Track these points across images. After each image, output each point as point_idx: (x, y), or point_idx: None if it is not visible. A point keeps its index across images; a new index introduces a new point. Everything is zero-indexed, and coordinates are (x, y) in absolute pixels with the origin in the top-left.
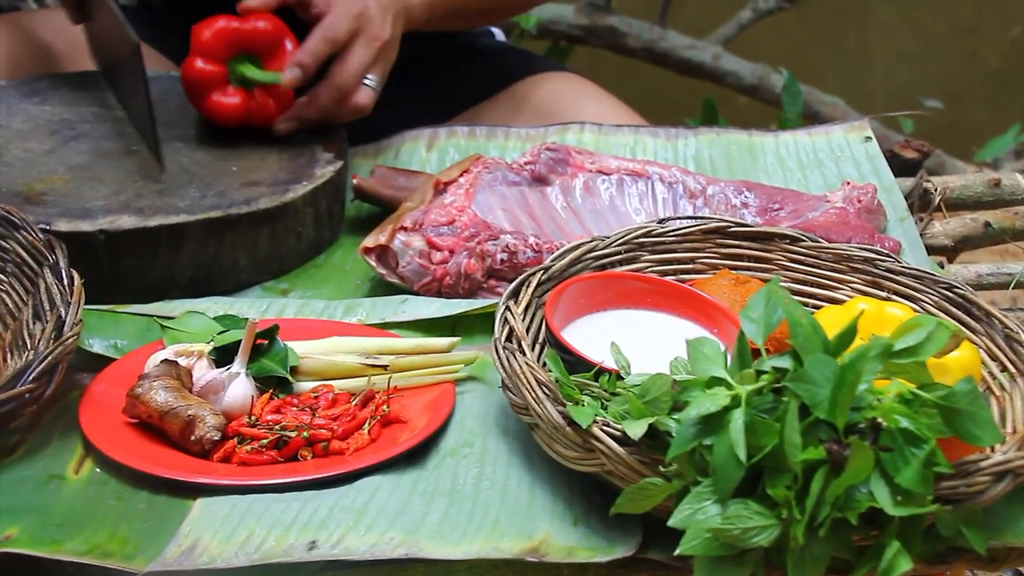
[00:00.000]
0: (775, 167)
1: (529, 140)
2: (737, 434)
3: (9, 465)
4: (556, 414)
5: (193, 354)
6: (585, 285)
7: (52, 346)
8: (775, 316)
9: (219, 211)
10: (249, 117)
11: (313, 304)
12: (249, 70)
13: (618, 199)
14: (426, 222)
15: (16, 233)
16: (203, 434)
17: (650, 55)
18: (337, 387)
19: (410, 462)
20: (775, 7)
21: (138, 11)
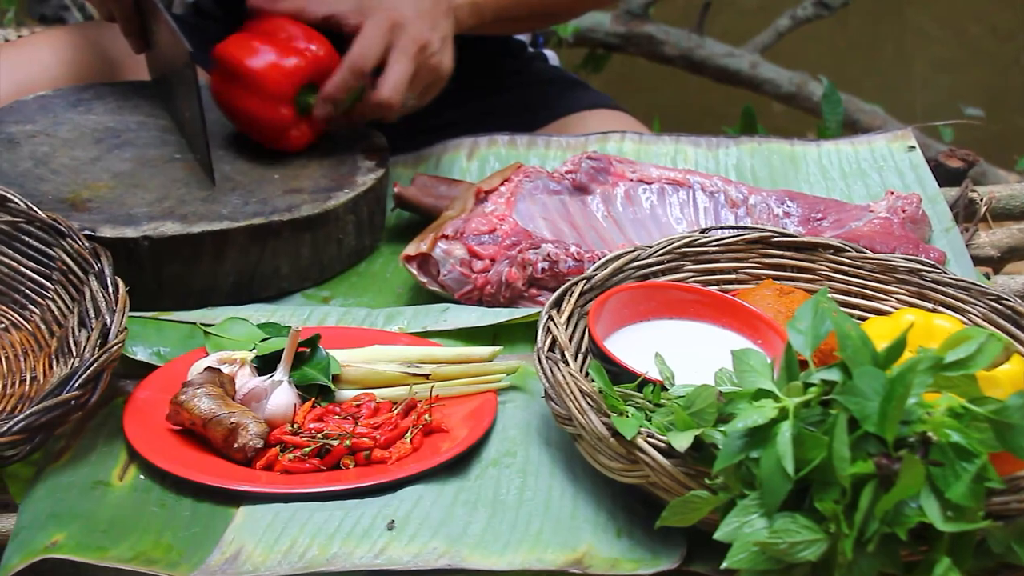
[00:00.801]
0: (817, 177)
1: (570, 149)
2: (785, 447)
3: (55, 471)
4: (600, 425)
5: (236, 362)
6: (628, 295)
7: (97, 354)
8: (823, 328)
9: (262, 218)
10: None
11: (354, 312)
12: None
13: (659, 208)
14: (467, 231)
15: (63, 241)
16: (246, 442)
17: (687, 63)
18: (379, 396)
19: (452, 472)
20: (813, 15)
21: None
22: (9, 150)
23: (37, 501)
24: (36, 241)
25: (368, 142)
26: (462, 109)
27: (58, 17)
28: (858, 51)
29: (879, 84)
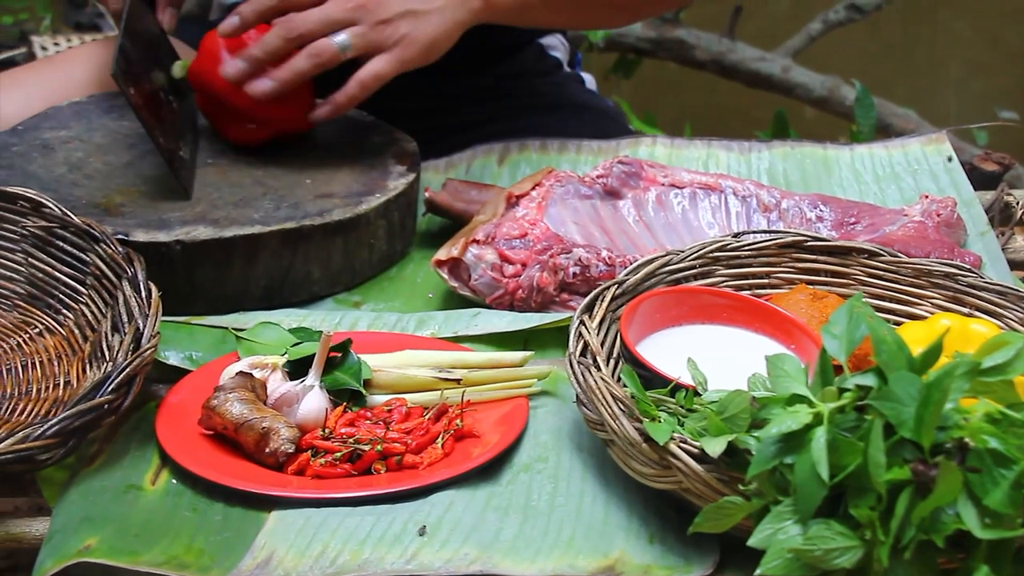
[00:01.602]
0: (850, 181)
1: (601, 154)
2: (819, 453)
3: (88, 475)
4: (632, 430)
5: (267, 366)
6: (660, 300)
7: (130, 358)
8: (858, 332)
9: (293, 222)
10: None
11: (386, 317)
12: None
13: (691, 213)
14: (498, 235)
15: (96, 246)
16: (277, 447)
17: (718, 67)
18: (410, 401)
19: (484, 477)
20: (846, 19)
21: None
22: (44, 155)
23: (70, 505)
24: (70, 246)
25: (399, 147)
26: (487, 129)
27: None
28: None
29: (912, 88)
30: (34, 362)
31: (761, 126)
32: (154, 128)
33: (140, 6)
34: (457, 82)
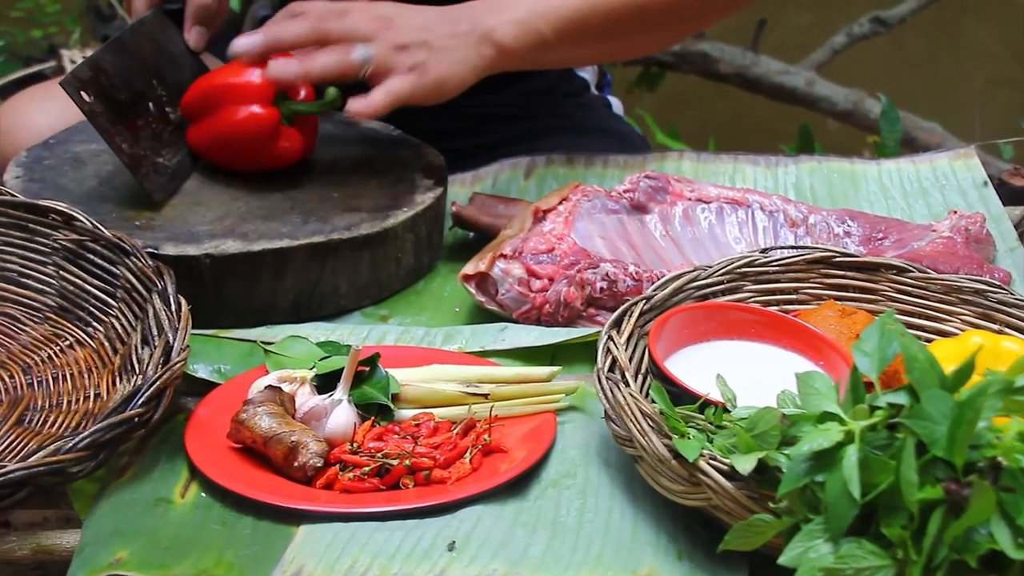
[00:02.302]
0: (878, 196)
1: (627, 168)
2: (851, 471)
3: (118, 488)
4: (661, 447)
5: (296, 380)
6: (688, 315)
7: (160, 371)
8: (889, 350)
9: (321, 236)
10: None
11: (413, 331)
12: (297, 105)
13: (718, 228)
14: (525, 250)
15: (127, 259)
16: (306, 460)
17: (742, 80)
18: (438, 415)
19: (511, 492)
20: (870, 32)
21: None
22: (75, 169)
23: (101, 517)
24: (101, 259)
25: (426, 160)
26: (510, 150)
27: None
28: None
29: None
30: (64, 374)
31: (784, 139)
32: (113, 135)
33: (161, 22)
34: (481, 99)
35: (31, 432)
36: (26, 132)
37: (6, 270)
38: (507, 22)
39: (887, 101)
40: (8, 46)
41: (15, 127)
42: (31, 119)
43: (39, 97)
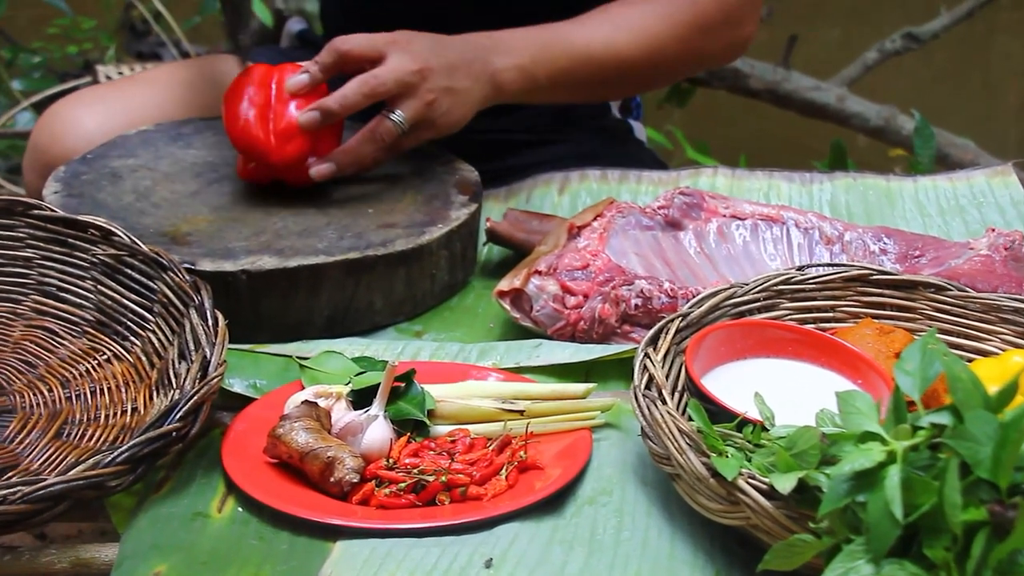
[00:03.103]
0: (914, 213)
1: (661, 184)
2: (893, 491)
3: (156, 502)
4: (700, 465)
5: (332, 395)
6: (725, 333)
7: (197, 386)
8: (932, 370)
9: (357, 252)
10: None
11: (448, 347)
12: None
13: (752, 245)
14: (560, 266)
15: (164, 274)
16: (342, 476)
17: (773, 96)
18: (473, 431)
19: (548, 510)
20: (902, 47)
21: (294, 52)
22: (113, 184)
23: (139, 531)
24: (138, 274)
25: (461, 176)
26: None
27: (154, 54)
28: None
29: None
30: (102, 388)
31: (814, 155)
32: None
33: None
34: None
35: (69, 445)
36: (74, 135)
37: (45, 284)
38: (511, 67)
39: (920, 118)
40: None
41: (64, 130)
42: (79, 122)
43: (87, 100)
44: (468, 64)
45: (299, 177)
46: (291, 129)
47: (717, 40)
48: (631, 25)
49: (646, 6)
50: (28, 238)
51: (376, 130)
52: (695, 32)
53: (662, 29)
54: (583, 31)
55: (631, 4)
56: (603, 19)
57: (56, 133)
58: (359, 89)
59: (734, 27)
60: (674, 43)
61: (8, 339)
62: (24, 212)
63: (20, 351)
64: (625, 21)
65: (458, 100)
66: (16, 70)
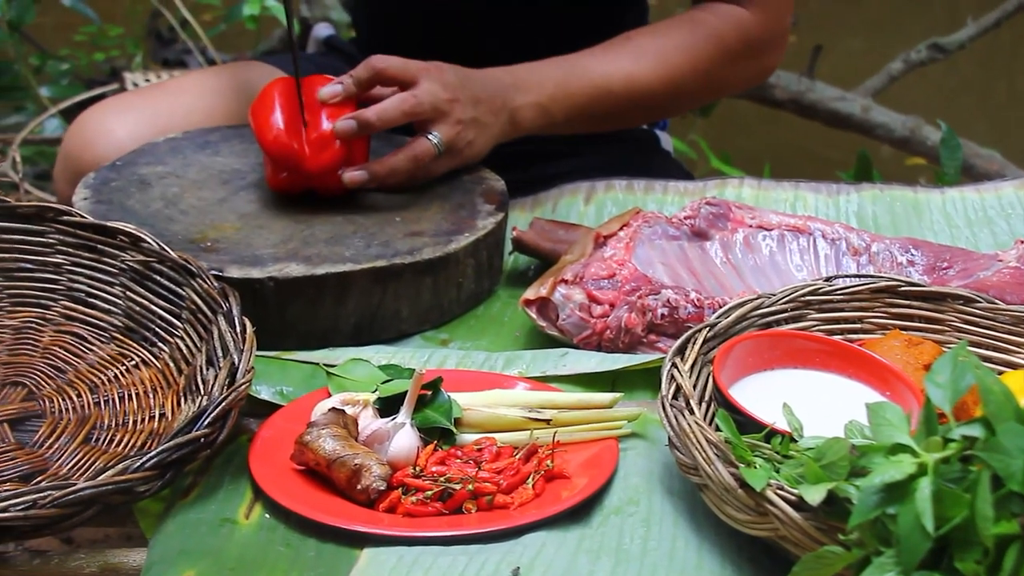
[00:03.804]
0: (942, 224)
1: (687, 195)
2: (924, 504)
3: (184, 507)
4: (728, 475)
5: (359, 403)
6: (753, 343)
7: (226, 392)
8: (963, 382)
9: (384, 260)
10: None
11: (474, 355)
12: None
13: (779, 255)
14: (587, 275)
15: (192, 281)
16: (369, 483)
17: (797, 107)
18: (499, 440)
19: (574, 519)
20: (927, 58)
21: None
22: (141, 191)
23: (167, 537)
24: (167, 280)
25: (487, 185)
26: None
27: (180, 61)
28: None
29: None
30: (130, 394)
31: (837, 165)
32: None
33: None
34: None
35: (98, 451)
36: (104, 142)
37: (75, 290)
38: (530, 105)
39: (947, 128)
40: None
41: (94, 137)
42: (109, 129)
43: (117, 108)
44: (490, 99)
45: (331, 186)
46: (325, 138)
47: (739, 70)
48: (651, 57)
49: (667, 37)
50: (58, 244)
51: (414, 148)
52: (716, 63)
53: (683, 61)
54: (602, 65)
55: (652, 34)
56: (623, 51)
57: (87, 141)
58: (399, 106)
59: (757, 57)
60: (695, 75)
61: (38, 344)
62: (54, 218)
63: (49, 356)
64: (645, 53)
65: (481, 132)
66: (44, 77)
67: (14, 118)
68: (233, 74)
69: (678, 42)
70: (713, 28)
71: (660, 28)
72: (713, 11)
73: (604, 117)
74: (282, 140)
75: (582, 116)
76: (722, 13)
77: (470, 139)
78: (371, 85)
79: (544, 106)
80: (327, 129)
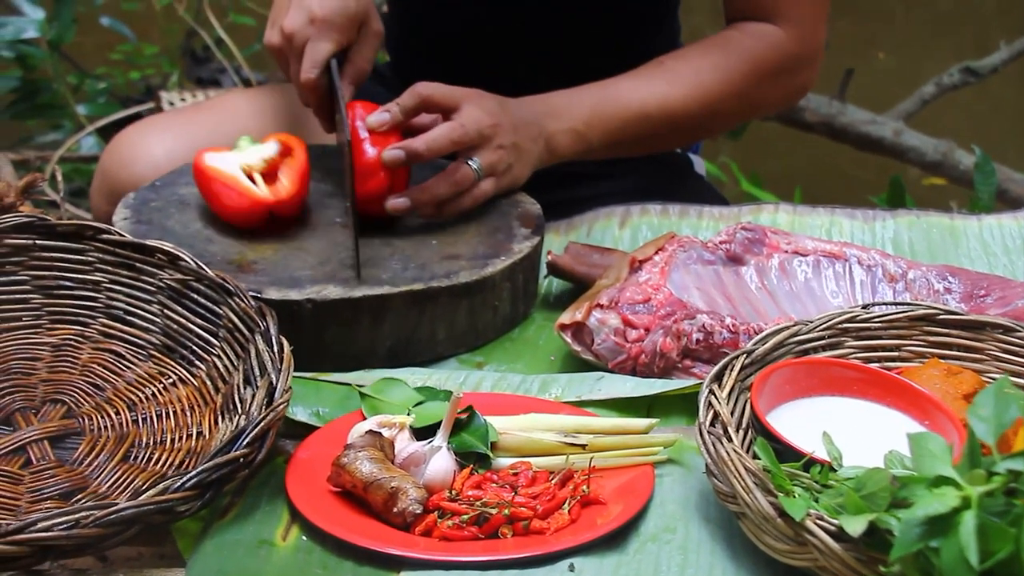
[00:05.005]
0: (978, 252)
1: (722, 219)
2: (968, 537)
3: (222, 528)
4: (767, 504)
5: (395, 426)
6: (790, 371)
7: (264, 412)
8: (1007, 415)
9: (421, 284)
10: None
11: (509, 378)
12: None
13: (814, 281)
14: (622, 300)
15: (230, 300)
16: (405, 507)
17: (828, 130)
18: (535, 464)
19: (610, 545)
20: (960, 82)
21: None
22: (181, 211)
23: (205, 557)
24: (204, 299)
25: (523, 209)
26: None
27: (214, 80)
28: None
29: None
30: (168, 412)
31: (869, 187)
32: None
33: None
34: None
35: (137, 468)
36: (142, 161)
37: (113, 308)
38: (565, 131)
39: (981, 153)
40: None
41: (132, 156)
42: (147, 148)
43: (155, 128)
44: (528, 125)
45: (374, 211)
46: (370, 166)
47: (773, 90)
48: (686, 80)
49: (702, 59)
50: (97, 262)
51: (454, 173)
52: (751, 84)
53: (717, 83)
54: (637, 90)
55: (686, 57)
56: (657, 75)
57: (124, 159)
58: (447, 135)
59: (791, 76)
60: (730, 96)
61: (77, 361)
62: (93, 236)
63: (88, 374)
64: (680, 76)
65: (520, 158)
66: (82, 95)
67: (51, 136)
68: (269, 95)
69: (712, 64)
70: (747, 48)
71: (694, 50)
72: (746, 31)
73: (640, 141)
74: None
75: (618, 141)
76: (756, 33)
77: (510, 164)
78: (417, 113)
79: (580, 132)
80: (372, 157)
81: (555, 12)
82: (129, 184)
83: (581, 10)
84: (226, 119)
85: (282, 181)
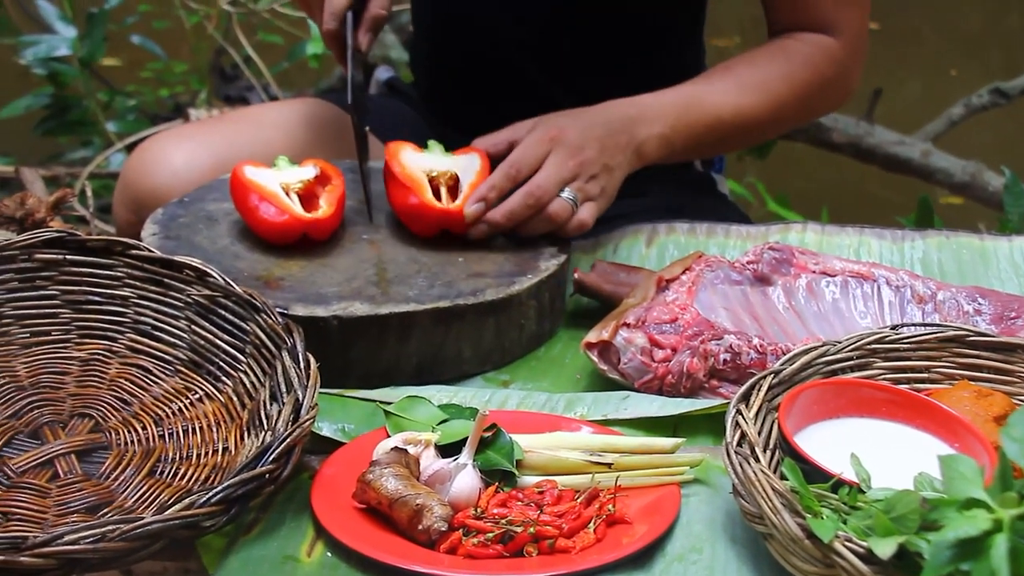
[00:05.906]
0: (1009, 273)
1: (749, 239)
2: (1000, 561)
3: (247, 543)
4: (794, 526)
5: (421, 443)
6: (818, 391)
7: (290, 428)
8: None
9: (447, 301)
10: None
11: (535, 396)
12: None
13: (842, 302)
14: (649, 319)
15: (257, 316)
16: (431, 524)
17: (855, 151)
18: (560, 483)
19: (636, 565)
20: (989, 103)
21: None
22: (208, 227)
23: (230, 572)
24: (231, 315)
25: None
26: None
27: (241, 97)
28: None
29: None
30: (194, 427)
31: (896, 208)
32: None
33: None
34: None
35: (162, 483)
36: (162, 171)
37: (141, 323)
38: (654, 136)
39: (1011, 175)
40: (138, 105)
41: (153, 166)
42: (167, 158)
43: (176, 137)
44: (615, 137)
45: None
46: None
47: (830, 95)
48: (756, 86)
49: (769, 66)
50: (126, 277)
51: (551, 210)
52: (813, 89)
53: (784, 89)
54: (713, 96)
55: (751, 64)
56: (729, 80)
57: (145, 169)
58: (524, 202)
59: (844, 80)
60: (794, 101)
61: (104, 376)
62: (122, 252)
63: (115, 388)
64: (750, 82)
65: (612, 176)
66: (112, 112)
67: (81, 152)
68: (293, 109)
69: (779, 72)
70: (807, 56)
71: (758, 58)
72: (802, 39)
73: (714, 145)
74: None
75: (698, 145)
76: (811, 41)
77: (603, 186)
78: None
79: (667, 137)
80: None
81: (581, 31)
82: (150, 193)
83: (606, 28)
84: (246, 130)
85: (322, 204)
